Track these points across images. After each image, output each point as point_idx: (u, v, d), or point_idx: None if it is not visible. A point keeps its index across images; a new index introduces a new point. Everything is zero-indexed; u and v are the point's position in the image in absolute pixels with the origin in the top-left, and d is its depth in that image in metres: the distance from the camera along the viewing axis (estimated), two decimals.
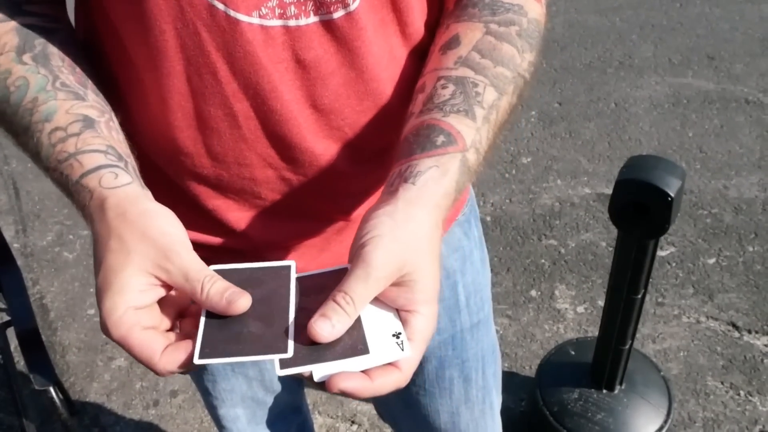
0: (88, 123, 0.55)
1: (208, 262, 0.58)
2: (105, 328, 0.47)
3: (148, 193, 0.53)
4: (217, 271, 0.51)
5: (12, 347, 1.51)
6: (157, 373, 0.48)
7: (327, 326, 0.46)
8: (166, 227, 0.49)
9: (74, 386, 1.95)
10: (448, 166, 0.53)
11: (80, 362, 2.03)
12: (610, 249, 2.22)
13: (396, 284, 0.49)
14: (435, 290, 0.50)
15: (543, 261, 2.22)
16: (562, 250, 2.26)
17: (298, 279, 0.52)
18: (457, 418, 0.92)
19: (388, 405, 1.00)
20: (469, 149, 0.54)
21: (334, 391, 0.46)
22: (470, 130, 0.55)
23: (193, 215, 0.67)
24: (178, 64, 0.57)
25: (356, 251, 0.49)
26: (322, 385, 0.47)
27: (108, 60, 0.64)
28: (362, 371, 0.47)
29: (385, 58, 0.62)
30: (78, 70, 0.60)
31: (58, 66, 0.58)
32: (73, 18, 0.66)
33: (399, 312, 0.50)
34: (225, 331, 0.48)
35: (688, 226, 2.30)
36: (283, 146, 0.62)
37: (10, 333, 1.45)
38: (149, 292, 0.48)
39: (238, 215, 0.68)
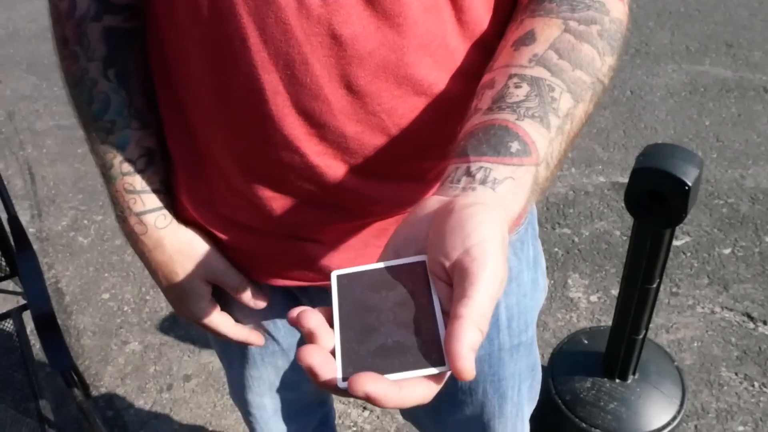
0: (151, 158, 0.70)
1: (254, 245, 0.71)
2: (196, 314, 0.76)
3: (181, 226, 0.74)
4: (339, 276, 0.46)
5: (28, 330, 1.53)
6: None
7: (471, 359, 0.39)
8: (208, 257, 0.74)
9: (89, 369, 1.98)
10: (523, 181, 0.47)
11: (95, 346, 2.05)
12: (624, 238, 2.21)
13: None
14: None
15: (556, 249, 2.22)
16: (576, 239, 2.25)
17: (362, 272, 0.47)
18: (489, 430, 0.89)
19: (414, 410, 0.97)
20: (541, 163, 0.49)
21: (358, 393, 0.39)
22: (544, 140, 0.49)
23: (230, 195, 0.68)
24: (207, 28, 0.56)
25: (467, 261, 0.41)
26: (341, 391, 0.41)
27: None
28: None
29: (434, 44, 0.57)
30: (147, 88, 0.69)
31: (135, 88, 0.68)
32: None
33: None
34: (367, 344, 0.42)
35: (703, 215, 2.28)
36: (311, 124, 0.59)
37: (26, 316, 1.46)
38: (208, 290, 0.76)
39: (268, 195, 0.65)
